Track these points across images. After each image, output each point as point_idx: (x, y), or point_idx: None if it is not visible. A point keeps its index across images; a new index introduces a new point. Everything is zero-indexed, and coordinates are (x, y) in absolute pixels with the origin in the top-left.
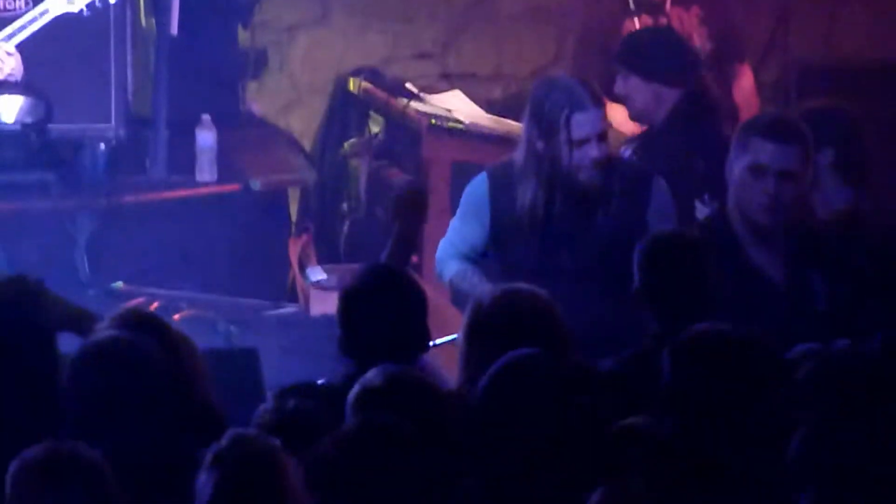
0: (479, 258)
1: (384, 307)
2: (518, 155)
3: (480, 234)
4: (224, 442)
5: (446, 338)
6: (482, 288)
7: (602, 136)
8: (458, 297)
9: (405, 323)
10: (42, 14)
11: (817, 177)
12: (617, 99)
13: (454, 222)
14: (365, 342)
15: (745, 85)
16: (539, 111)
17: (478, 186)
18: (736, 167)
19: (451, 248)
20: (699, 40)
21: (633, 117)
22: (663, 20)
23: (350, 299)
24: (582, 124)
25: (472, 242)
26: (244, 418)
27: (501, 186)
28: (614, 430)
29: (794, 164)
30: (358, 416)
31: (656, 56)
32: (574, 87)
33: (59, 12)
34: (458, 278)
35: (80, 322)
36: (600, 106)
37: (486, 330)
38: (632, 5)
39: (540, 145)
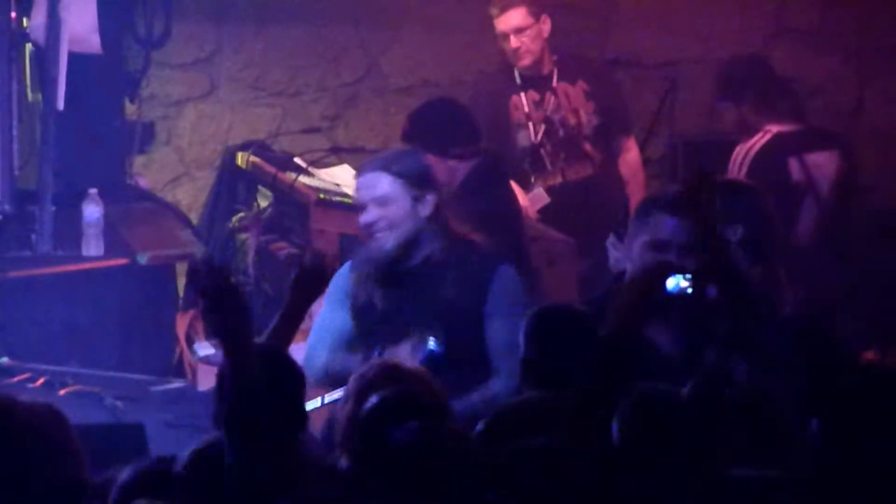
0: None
1: (259, 385)
2: None
3: (348, 323)
4: None
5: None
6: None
7: (379, 202)
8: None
9: (279, 401)
10: None
11: None
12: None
13: (323, 312)
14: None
15: (630, 158)
16: None
17: (341, 276)
18: (635, 243)
19: (320, 341)
20: (585, 115)
21: None
22: (550, 95)
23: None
24: (357, 189)
25: (341, 332)
26: None
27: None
28: None
29: (692, 237)
30: None
31: (445, 133)
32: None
33: None
34: (334, 364)
35: None
36: (377, 171)
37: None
38: (518, 80)
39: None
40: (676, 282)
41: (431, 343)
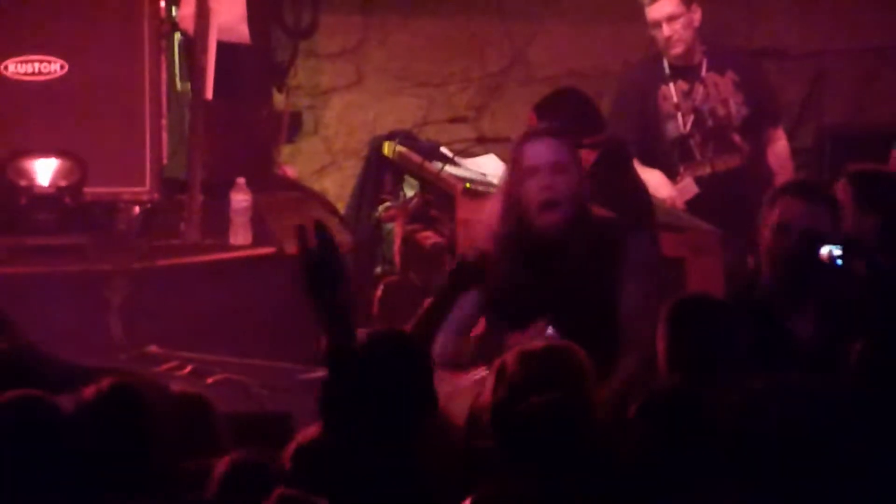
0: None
1: (386, 372)
2: None
3: (471, 308)
4: None
5: None
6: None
7: (559, 167)
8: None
9: (408, 387)
10: None
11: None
12: (648, 163)
13: None
14: (368, 406)
15: (779, 149)
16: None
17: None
18: (765, 229)
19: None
20: (734, 105)
21: None
22: (699, 85)
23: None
24: (534, 153)
25: (463, 317)
26: None
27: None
28: None
29: (818, 223)
30: None
31: (573, 124)
32: (537, 127)
33: None
34: (447, 348)
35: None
36: (560, 139)
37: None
38: (667, 70)
39: (508, 180)
40: (829, 250)
41: (549, 331)
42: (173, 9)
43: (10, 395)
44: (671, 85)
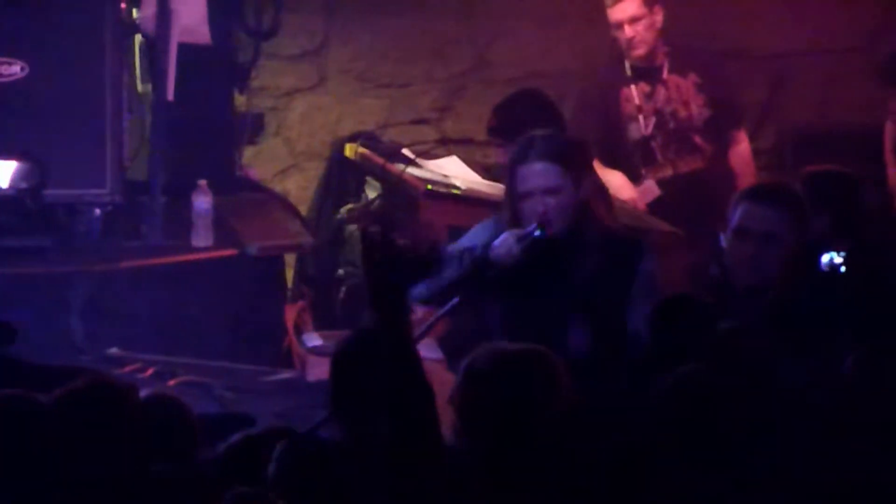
0: None
1: (374, 370)
2: None
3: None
4: None
5: None
6: None
7: (550, 192)
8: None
9: (397, 384)
10: None
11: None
12: (610, 164)
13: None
14: (355, 405)
15: (741, 151)
16: (508, 163)
17: (485, 226)
18: (728, 232)
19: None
20: (696, 107)
21: None
22: (661, 87)
23: (338, 363)
24: (525, 178)
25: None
26: None
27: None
28: None
29: (776, 226)
30: None
31: (532, 126)
32: (530, 142)
33: None
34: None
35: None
36: (550, 161)
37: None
38: (629, 72)
39: (504, 199)
40: (830, 258)
41: (537, 231)
42: (134, 10)
43: None
44: (633, 87)
